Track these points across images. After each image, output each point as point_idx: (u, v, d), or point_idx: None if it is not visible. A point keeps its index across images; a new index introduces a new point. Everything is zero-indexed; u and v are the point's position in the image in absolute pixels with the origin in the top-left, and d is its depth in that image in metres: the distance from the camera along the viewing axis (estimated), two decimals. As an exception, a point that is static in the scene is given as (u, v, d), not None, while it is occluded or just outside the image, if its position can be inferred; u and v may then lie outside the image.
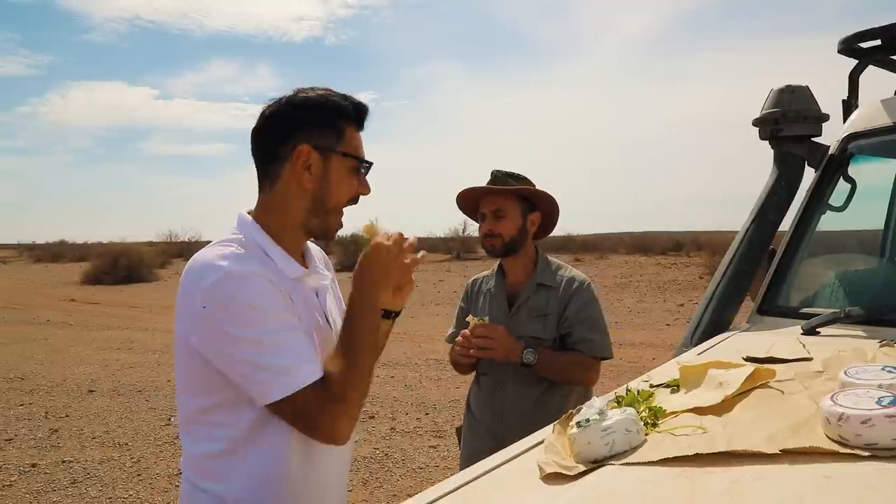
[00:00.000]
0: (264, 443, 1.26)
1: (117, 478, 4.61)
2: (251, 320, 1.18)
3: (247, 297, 1.18)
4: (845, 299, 1.81)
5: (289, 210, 1.32)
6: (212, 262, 1.22)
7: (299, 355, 1.20)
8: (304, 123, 1.28)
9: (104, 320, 12.82)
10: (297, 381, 1.17)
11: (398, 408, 6.33)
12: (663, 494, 0.87)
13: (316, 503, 1.35)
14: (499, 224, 2.10)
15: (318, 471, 1.34)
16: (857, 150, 2.03)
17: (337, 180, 1.32)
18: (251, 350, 1.17)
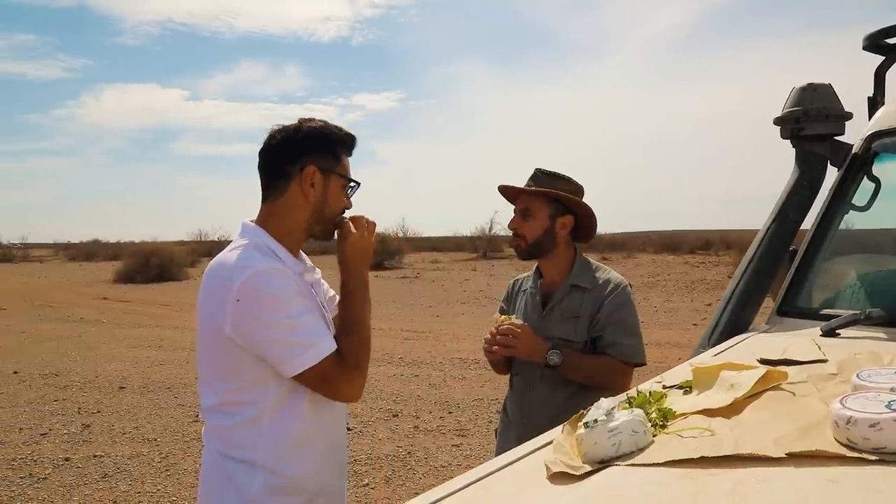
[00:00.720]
0: (286, 411, 1.54)
1: (146, 472, 4.72)
2: (278, 308, 1.46)
3: (273, 289, 1.47)
4: (866, 301, 1.78)
5: (292, 217, 1.60)
6: (239, 262, 1.49)
7: (319, 332, 1.51)
8: (312, 148, 1.58)
9: (135, 318, 13.10)
10: (321, 353, 1.48)
11: (422, 406, 6.36)
12: (667, 495, 0.88)
13: (328, 455, 1.65)
14: (524, 224, 2.08)
15: (329, 429, 1.65)
16: (882, 149, 1.99)
17: (334, 195, 1.62)
18: (281, 331, 1.46)
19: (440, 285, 20.23)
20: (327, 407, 1.62)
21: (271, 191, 1.61)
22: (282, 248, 1.58)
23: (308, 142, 1.58)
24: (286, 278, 1.50)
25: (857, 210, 1.99)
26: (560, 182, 2.08)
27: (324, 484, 1.65)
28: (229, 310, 1.46)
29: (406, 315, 13.40)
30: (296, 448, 1.57)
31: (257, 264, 1.48)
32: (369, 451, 5.08)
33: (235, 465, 1.54)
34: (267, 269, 1.48)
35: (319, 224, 1.63)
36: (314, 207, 1.60)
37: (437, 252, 39.53)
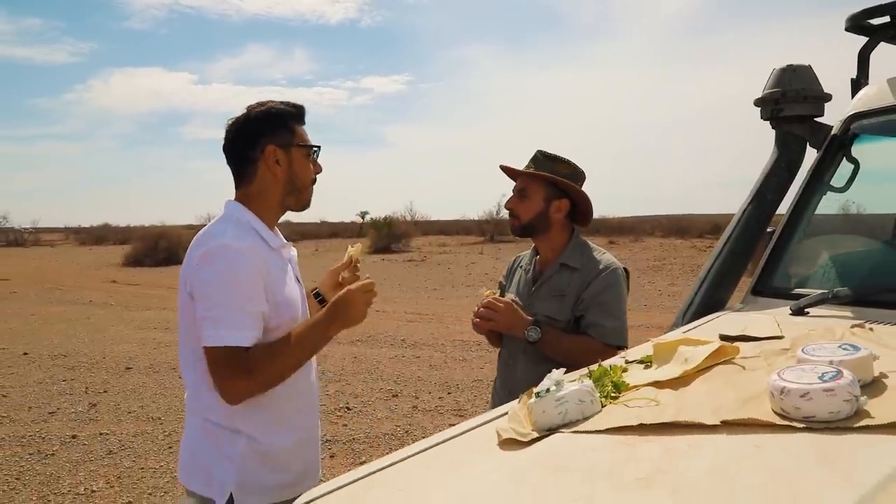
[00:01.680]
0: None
1: (150, 450, 4.83)
2: (222, 281, 1.55)
3: (229, 265, 1.56)
4: (837, 280, 1.81)
5: (267, 196, 1.72)
6: (212, 232, 1.63)
7: (238, 323, 1.55)
8: (265, 129, 1.69)
9: (143, 301, 13.26)
10: (222, 340, 1.53)
11: (421, 387, 6.44)
12: (601, 460, 0.92)
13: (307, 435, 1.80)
14: (519, 204, 2.12)
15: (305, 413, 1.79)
16: (861, 130, 2.00)
17: (300, 166, 1.73)
18: (212, 300, 1.55)
19: (446, 268, 20.29)
20: (302, 390, 1.75)
21: (242, 178, 1.73)
22: (261, 224, 1.71)
23: (260, 125, 1.69)
24: (251, 262, 1.58)
25: (836, 191, 2.00)
26: (559, 165, 2.09)
27: (307, 463, 1.79)
28: (192, 273, 1.59)
29: (410, 298, 13.48)
30: (276, 426, 1.70)
31: (227, 238, 1.59)
32: (368, 431, 5.17)
33: (220, 430, 1.66)
34: (235, 245, 1.58)
35: (293, 195, 1.75)
36: (284, 182, 1.71)
37: (445, 235, 39.58)
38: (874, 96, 2.02)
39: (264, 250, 1.68)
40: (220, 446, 1.68)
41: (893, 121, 1.96)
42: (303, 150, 1.74)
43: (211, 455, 1.70)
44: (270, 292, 1.65)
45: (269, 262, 1.68)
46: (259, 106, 1.74)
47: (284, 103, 1.75)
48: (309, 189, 1.79)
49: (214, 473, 1.68)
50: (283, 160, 1.70)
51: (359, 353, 8.02)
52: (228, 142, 1.73)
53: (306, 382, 1.80)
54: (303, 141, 1.74)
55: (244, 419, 1.66)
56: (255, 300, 1.59)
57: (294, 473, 1.76)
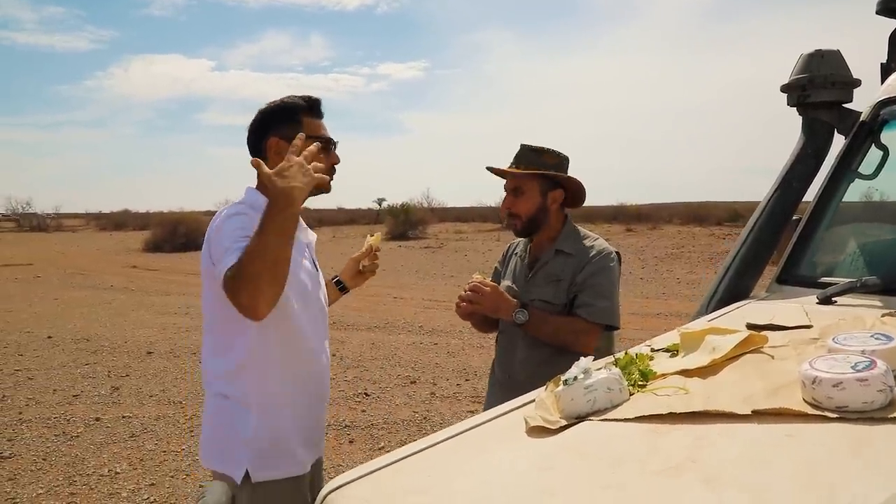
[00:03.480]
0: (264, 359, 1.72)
1: (171, 433, 4.91)
2: (232, 233, 1.59)
3: (241, 223, 1.61)
4: (865, 269, 1.78)
5: None
6: (225, 210, 1.72)
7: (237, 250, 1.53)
8: (272, 123, 1.77)
9: (163, 286, 13.42)
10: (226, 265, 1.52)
11: (439, 374, 6.47)
12: (629, 447, 0.92)
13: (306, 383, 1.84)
14: (517, 203, 2.13)
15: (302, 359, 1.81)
16: (891, 116, 1.96)
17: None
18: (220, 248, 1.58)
19: (463, 255, 20.30)
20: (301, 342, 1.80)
21: None
22: None
23: (268, 118, 1.78)
24: (248, 221, 1.61)
25: (864, 178, 1.97)
26: (546, 157, 2.12)
27: (314, 440, 1.87)
28: (208, 240, 1.67)
29: (428, 284, 13.51)
30: (282, 402, 1.77)
31: (233, 210, 1.69)
32: (386, 416, 5.21)
33: (233, 406, 1.74)
34: (248, 213, 1.64)
35: None
36: None
37: (462, 222, 39.54)
38: (906, 82, 1.98)
39: None
40: (233, 424, 1.75)
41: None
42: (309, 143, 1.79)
43: (226, 433, 1.77)
44: None
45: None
46: (270, 103, 1.83)
47: (300, 97, 1.81)
48: (322, 178, 1.77)
49: (230, 451, 1.75)
50: (285, 151, 1.65)
51: (376, 339, 8.07)
52: (248, 134, 1.84)
53: (313, 361, 1.85)
54: (311, 133, 1.74)
55: (252, 392, 1.73)
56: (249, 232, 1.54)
57: (303, 449, 1.82)
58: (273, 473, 1.78)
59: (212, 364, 1.80)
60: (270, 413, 1.77)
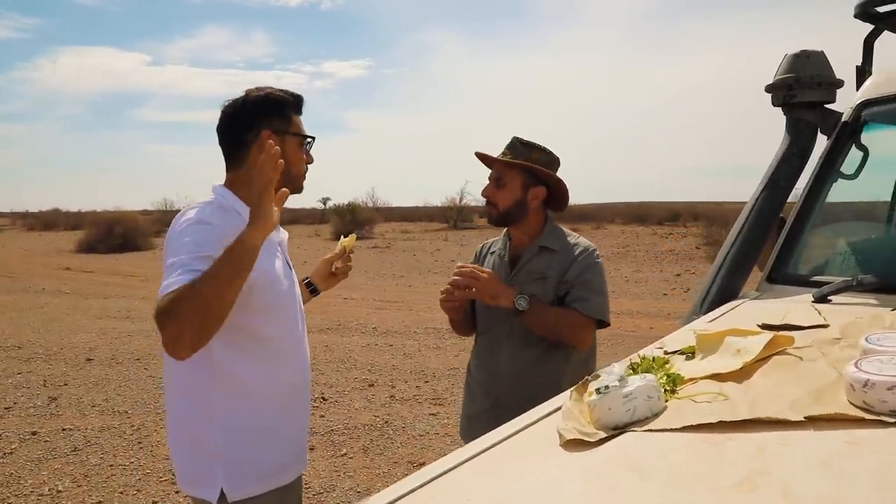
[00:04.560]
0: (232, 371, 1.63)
1: (118, 445, 4.63)
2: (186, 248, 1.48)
3: (196, 235, 1.52)
4: (855, 267, 1.80)
5: None
6: (191, 211, 1.61)
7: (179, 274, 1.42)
8: (263, 114, 1.67)
9: (100, 289, 12.78)
10: (159, 292, 1.41)
11: (397, 376, 6.36)
12: (686, 460, 0.86)
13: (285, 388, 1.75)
14: (497, 192, 2.10)
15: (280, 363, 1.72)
16: (871, 118, 2.00)
17: (293, 154, 1.70)
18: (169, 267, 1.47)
19: (411, 255, 20.19)
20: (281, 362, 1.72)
21: (233, 161, 1.70)
22: (247, 209, 1.57)
23: (257, 109, 1.67)
24: (214, 233, 1.52)
25: (846, 178, 2.00)
26: (536, 152, 2.09)
27: (295, 453, 1.78)
28: (167, 242, 1.58)
29: (378, 285, 13.35)
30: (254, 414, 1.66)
31: (205, 215, 1.58)
32: (346, 421, 5.07)
33: (201, 418, 1.64)
34: (212, 220, 1.55)
35: (283, 183, 1.64)
36: None
37: (408, 222, 39.41)
38: (884, 83, 2.02)
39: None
40: (201, 438, 1.65)
41: (904, 109, 1.96)
42: (297, 139, 1.73)
43: (194, 449, 1.68)
44: (250, 277, 1.53)
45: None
46: (257, 91, 1.72)
47: (283, 91, 1.73)
48: (301, 178, 1.77)
49: (201, 470, 1.65)
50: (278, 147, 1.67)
51: (330, 341, 7.89)
52: (223, 123, 1.71)
53: (291, 365, 1.77)
54: (298, 130, 1.73)
55: (222, 402, 1.63)
56: (206, 260, 1.42)
57: (284, 458, 1.73)
58: (253, 489, 1.67)
59: (174, 371, 1.69)
60: (245, 423, 1.66)
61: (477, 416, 2.19)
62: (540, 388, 2.07)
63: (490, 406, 2.13)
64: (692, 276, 14.00)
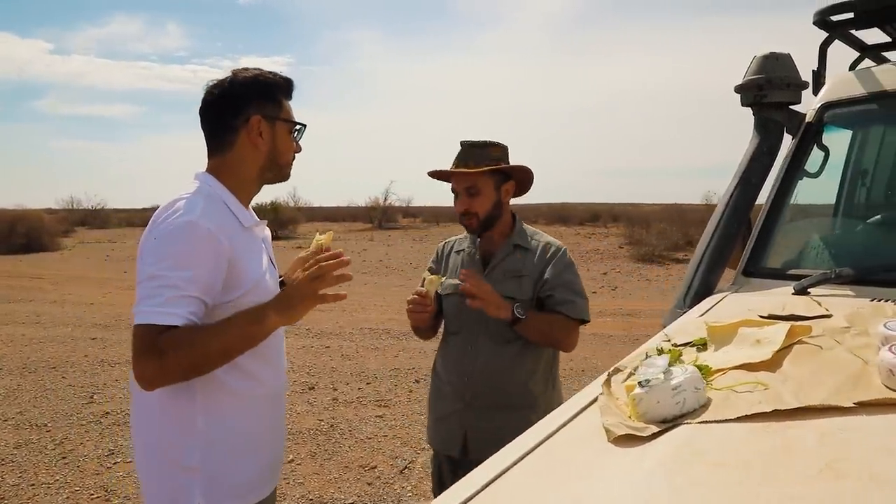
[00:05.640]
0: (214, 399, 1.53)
1: (39, 462, 4.27)
2: (175, 260, 1.40)
3: (187, 247, 1.42)
4: (829, 260, 1.89)
5: (244, 169, 1.60)
6: (183, 209, 1.46)
7: (173, 303, 1.38)
8: (253, 98, 1.57)
9: (4, 292, 11.79)
10: (148, 318, 1.37)
11: (338, 378, 6.22)
12: (759, 451, 0.86)
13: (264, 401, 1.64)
14: (474, 202, 2.08)
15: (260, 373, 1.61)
16: (832, 120, 2.10)
17: (282, 141, 1.63)
18: (151, 279, 1.40)
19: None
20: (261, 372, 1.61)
21: (218, 145, 1.60)
22: (234, 200, 1.58)
23: (248, 92, 1.58)
24: (211, 246, 1.44)
25: (810, 176, 2.10)
26: (491, 149, 2.09)
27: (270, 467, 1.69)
28: (147, 244, 1.46)
29: (307, 286, 13.03)
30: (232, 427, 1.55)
31: (196, 215, 1.45)
32: (290, 426, 4.88)
33: (172, 430, 1.52)
34: (203, 224, 1.44)
35: (272, 171, 1.64)
36: (266, 156, 1.61)
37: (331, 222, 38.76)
38: (843, 87, 2.12)
39: (236, 229, 1.55)
40: (175, 456, 1.52)
41: (861, 111, 2.08)
42: (287, 126, 1.64)
43: (167, 469, 1.54)
44: (238, 276, 1.51)
45: (240, 244, 1.54)
46: (245, 71, 1.61)
47: (273, 73, 1.64)
48: (288, 166, 1.69)
49: (176, 489, 1.53)
50: (266, 133, 1.59)
51: (263, 344, 7.62)
52: (209, 104, 1.59)
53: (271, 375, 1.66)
54: (288, 116, 1.65)
55: (199, 413, 1.52)
56: (202, 288, 1.42)
57: (260, 474, 1.64)
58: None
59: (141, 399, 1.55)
60: (225, 434, 1.55)
61: (447, 418, 2.16)
62: (515, 387, 2.07)
63: (463, 407, 2.10)
64: (618, 275, 14.50)
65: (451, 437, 2.14)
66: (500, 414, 2.07)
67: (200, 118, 1.61)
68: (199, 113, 1.61)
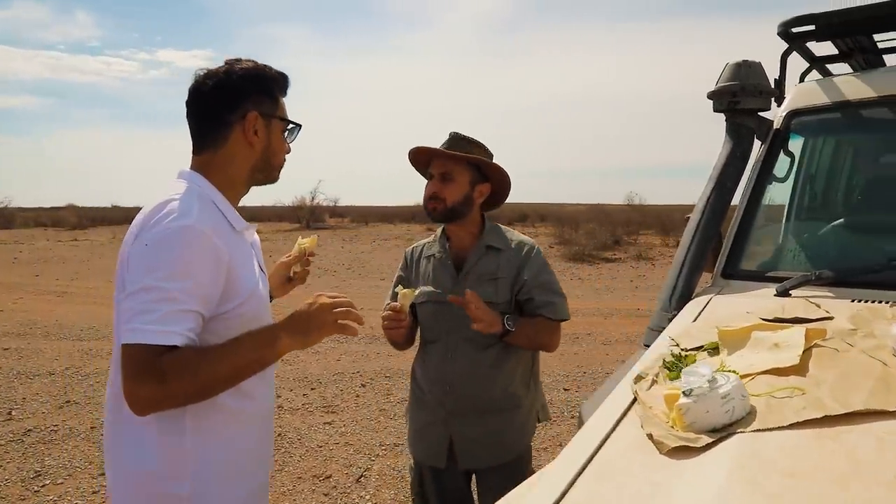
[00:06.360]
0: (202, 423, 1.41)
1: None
2: (171, 269, 1.28)
3: (185, 255, 1.30)
4: (806, 262, 1.96)
5: (235, 168, 1.50)
6: (178, 211, 1.33)
7: (170, 318, 1.26)
8: (250, 92, 1.47)
9: None
10: (143, 336, 1.24)
11: (280, 384, 6.01)
12: (824, 458, 0.86)
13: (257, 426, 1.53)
14: (445, 188, 2.04)
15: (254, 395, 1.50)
16: (798, 126, 2.19)
17: (277, 141, 1.54)
18: (146, 291, 1.26)
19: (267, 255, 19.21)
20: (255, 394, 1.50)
21: (208, 141, 1.48)
22: (224, 201, 1.48)
23: (245, 85, 1.47)
24: (212, 253, 1.34)
25: (778, 181, 2.18)
26: (476, 149, 2.07)
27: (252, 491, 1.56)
28: (136, 252, 1.32)
29: (237, 289, 12.59)
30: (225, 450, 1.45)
31: (192, 219, 1.33)
32: (234, 437, 4.69)
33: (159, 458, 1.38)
34: (199, 228, 1.33)
35: (263, 171, 1.56)
36: (260, 156, 1.52)
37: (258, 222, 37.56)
38: (807, 95, 2.22)
39: (228, 233, 1.45)
40: (161, 482, 1.39)
41: (825, 119, 2.18)
42: (281, 125, 1.55)
43: (150, 497, 1.40)
44: (235, 285, 1.41)
45: (234, 249, 1.43)
46: (240, 62, 1.50)
47: (270, 67, 1.53)
48: (280, 168, 1.60)
49: None
50: (261, 131, 1.50)
51: (197, 351, 7.28)
52: (201, 95, 1.47)
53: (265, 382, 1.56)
54: (284, 114, 1.56)
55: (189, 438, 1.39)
56: (202, 300, 1.32)
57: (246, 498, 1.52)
58: None
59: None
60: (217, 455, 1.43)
61: (430, 428, 2.11)
62: (496, 391, 2.05)
63: (446, 415, 2.07)
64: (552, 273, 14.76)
65: (435, 446, 2.09)
66: (484, 418, 2.05)
67: (188, 110, 1.50)
68: (187, 104, 1.49)
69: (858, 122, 2.14)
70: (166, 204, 1.36)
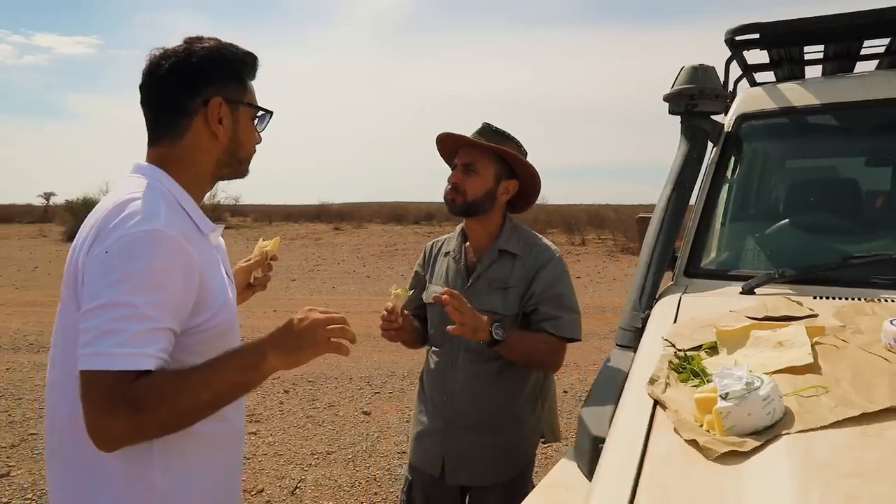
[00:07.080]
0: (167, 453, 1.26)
1: None
2: (139, 282, 1.12)
3: (154, 264, 1.14)
4: (766, 260, 2.04)
5: (199, 161, 1.35)
6: (142, 213, 1.17)
7: (141, 344, 1.10)
8: (213, 75, 1.31)
9: None
10: (111, 362, 1.08)
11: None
12: (880, 458, 0.87)
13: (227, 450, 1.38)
14: (467, 179, 1.91)
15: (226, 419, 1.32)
16: (748, 130, 2.29)
17: (245, 130, 1.38)
18: (110, 307, 1.10)
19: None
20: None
21: (166, 131, 1.32)
22: (189, 200, 1.32)
23: (207, 67, 1.31)
24: (182, 260, 1.19)
25: (729, 182, 2.26)
26: (508, 143, 1.94)
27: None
28: (94, 262, 1.14)
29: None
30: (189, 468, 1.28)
31: (160, 223, 1.16)
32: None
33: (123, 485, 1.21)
34: (168, 233, 1.16)
35: (230, 165, 1.40)
36: (225, 147, 1.36)
37: (152, 222, 35.55)
38: (754, 101, 2.32)
39: (196, 237, 1.29)
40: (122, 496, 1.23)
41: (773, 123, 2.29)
42: (250, 112, 1.39)
43: None
44: (206, 295, 1.26)
45: (203, 255, 1.28)
46: (199, 41, 1.33)
47: (236, 47, 1.37)
48: (249, 160, 1.44)
49: None
50: (227, 119, 1.34)
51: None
52: (156, 79, 1.31)
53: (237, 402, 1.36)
54: (253, 100, 1.40)
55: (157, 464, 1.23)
56: (173, 314, 1.17)
57: None
58: None
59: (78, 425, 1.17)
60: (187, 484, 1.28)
61: (427, 437, 2.02)
62: (496, 409, 1.92)
63: (444, 427, 1.97)
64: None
65: (430, 456, 2.00)
66: (480, 437, 1.93)
67: (142, 95, 1.33)
68: (141, 89, 1.33)
69: (803, 128, 2.26)
70: (126, 204, 1.18)
